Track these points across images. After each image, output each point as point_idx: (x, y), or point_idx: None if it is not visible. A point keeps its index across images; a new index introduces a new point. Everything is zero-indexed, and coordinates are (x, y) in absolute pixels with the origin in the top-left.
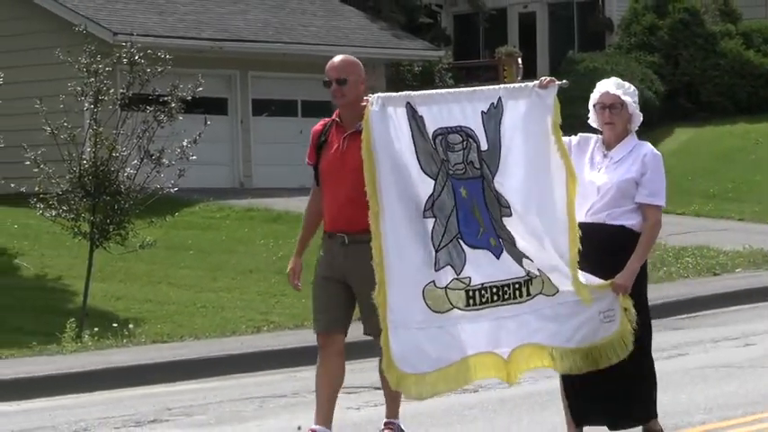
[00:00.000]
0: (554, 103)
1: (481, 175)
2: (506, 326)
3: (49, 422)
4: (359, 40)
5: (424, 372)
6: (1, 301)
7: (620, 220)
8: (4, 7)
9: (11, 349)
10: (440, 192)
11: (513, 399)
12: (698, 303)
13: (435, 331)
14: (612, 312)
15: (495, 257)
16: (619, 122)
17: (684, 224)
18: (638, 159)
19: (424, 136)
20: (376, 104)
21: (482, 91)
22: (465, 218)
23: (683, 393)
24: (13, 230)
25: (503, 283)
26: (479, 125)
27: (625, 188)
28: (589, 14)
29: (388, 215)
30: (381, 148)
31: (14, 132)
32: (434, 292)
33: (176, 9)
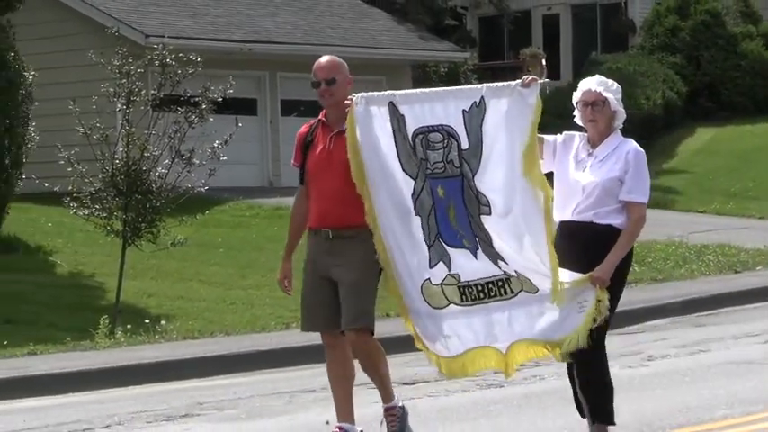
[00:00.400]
0: (536, 102)
1: (461, 173)
2: (499, 321)
3: (84, 416)
4: (386, 41)
5: (447, 356)
6: (36, 298)
7: (608, 220)
8: (37, 10)
9: (46, 345)
10: (419, 191)
11: (539, 394)
12: (719, 300)
13: (440, 322)
14: (587, 303)
15: (473, 257)
16: (601, 120)
17: (706, 222)
18: (622, 157)
19: (403, 135)
20: (360, 104)
21: (465, 90)
22: (443, 218)
23: (705, 389)
24: (47, 229)
25: (486, 281)
26: (461, 124)
27: (610, 187)
28: (612, 16)
29: (382, 213)
30: (367, 147)
31: (49, 132)
32: (431, 288)
33: (207, 12)
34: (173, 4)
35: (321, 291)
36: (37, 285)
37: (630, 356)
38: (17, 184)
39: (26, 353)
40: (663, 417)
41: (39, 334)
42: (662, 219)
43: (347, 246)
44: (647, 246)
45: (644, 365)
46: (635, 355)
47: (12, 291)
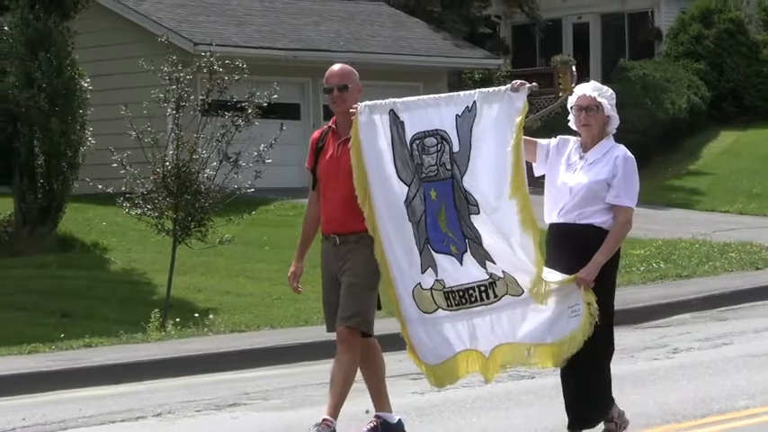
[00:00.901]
0: (523, 106)
1: (451, 175)
2: (481, 326)
3: (136, 405)
4: (423, 49)
5: (430, 363)
6: (91, 293)
7: (590, 219)
8: (92, 19)
9: (101, 338)
10: (412, 197)
11: None
12: (741, 296)
13: (429, 328)
14: (578, 307)
15: (458, 263)
16: (594, 124)
17: (729, 221)
18: (611, 162)
19: (402, 142)
20: (363, 113)
21: (459, 96)
22: (432, 223)
23: (727, 380)
24: (102, 228)
25: (468, 287)
26: (453, 128)
27: (596, 189)
28: (639, 25)
29: (380, 218)
30: (370, 154)
31: (103, 136)
32: (422, 293)
33: (253, 21)
34: (220, 14)
35: (334, 293)
36: (92, 281)
37: (656, 349)
38: (73, 186)
39: (82, 345)
40: (687, 407)
41: (94, 327)
42: (687, 218)
43: (352, 250)
44: (672, 243)
45: (669, 358)
46: (660, 348)
47: (68, 286)
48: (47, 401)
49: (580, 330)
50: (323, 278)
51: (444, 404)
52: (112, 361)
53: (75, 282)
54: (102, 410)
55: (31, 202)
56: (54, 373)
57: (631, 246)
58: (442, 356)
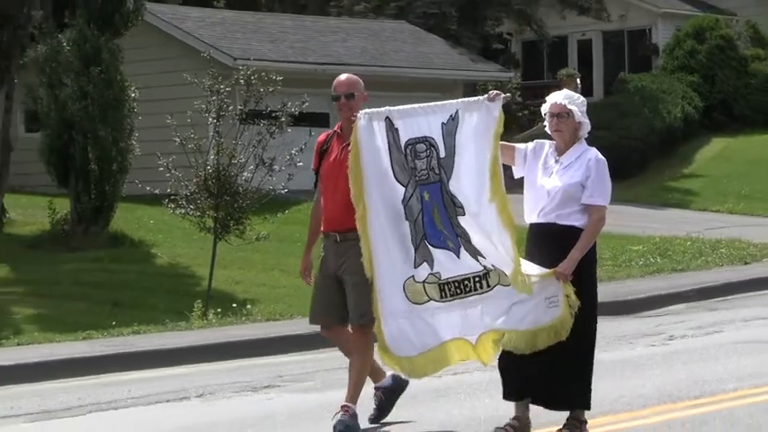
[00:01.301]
0: (499, 115)
1: (440, 179)
2: (472, 314)
3: (180, 387)
4: (441, 63)
5: (411, 355)
6: (140, 285)
7: (570, 221)
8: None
9: (148, 325)
10: (409, 197)
11: None
12: (731, 288)
13: (416, 320)
14: (556, 298)
15: (455, 256)
16: (566, 130)
17: (720, 220)
18: (584, 164)
19: (398, 147)
20: (363, 119)
21: (445, 104)
22: (429, 221)
23: (718, 365)
24: (149, 226)
25: (464, 278)
26: (440, 135)
27: (572, 191)
28: (638, 41)
29: (375, 218)
30: (368, 158)
31: (150, 143)
32: (414, 286)
33: (286, 38)
34: (256, 31)
35: (326, 289)
36: (140, 274)
37: (653, 337)
38: (123, 188)
39: (131, 332)
40: (682, 389)
41: (142, 316)
42: (682, 217)
43: (352, 248)
44: (668, 240)
45: (665, 345)
46: (657, 336)
47: (119, 279)
48: (99, 383)
49: (559, 320)
50: (318, 275)
51: (460, 386)
52: (159, 346)
53: (125, 275)
54: (149, 392)
55: (86, 202)
56: (106, 358)
57: (630, 242)
58: (426, 346)
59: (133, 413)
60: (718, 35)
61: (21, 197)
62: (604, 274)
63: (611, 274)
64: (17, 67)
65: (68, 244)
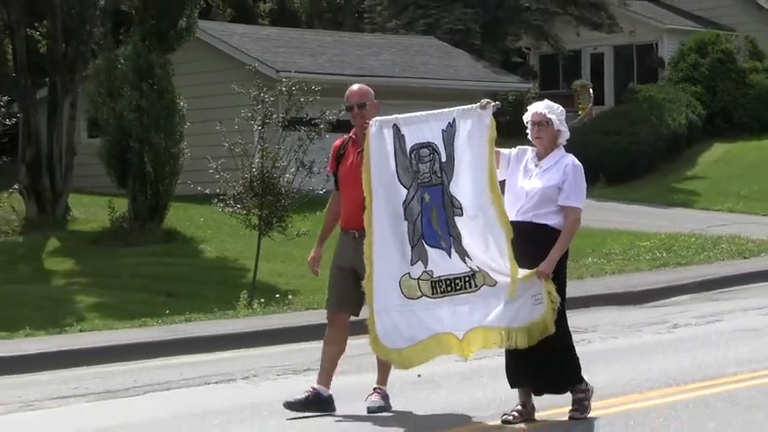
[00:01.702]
0: (490, 122)
1: (441, 182)
2: (461, 311)
3: (227, 370)
4: (465, 75)
5: (401, 347)
6: (191, 277)
7: (545, 220)
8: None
9: (199, 314)
10: (410, 199)
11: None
12: (731, 281)
13: (408, 314)
14: (540, 296)
15: (447, 256)
16: (545, 137)
17: (720, 218)
18: (561, 169)
19: (403, 152)
20: (374, 127)
21: (444, 113)
22: (427, 222)
23: (718, 351)
24: (200, 223)
25: (455, 277)
26: (440, 141)
27: (549, 193)
28: (646, 54)
29: (377, 218)
30: (377, 162)
31: (201, 147)
32: (409, 282)
33: (325, 52)
34: (298, 47)
35: (342, 281)
36: (192, 267)
37: (659, 325)
38: (176, 188)
39: (183, 320)
40: (686, 373)
41: (193, 305)
42: (685, 215)
43: None
44: (673, 236)
45: (670, 332)
46: (663, 324)
47: (172, 271)
48: (154, 366)
49: (547, 315)
50: (335, 266)
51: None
52: (208, 333)
53: (177, 268)
54: (199, 374)
55: (142, 202)
56: (160, 343)
57: (639, 238)
58: (415, 339)
59: (185, 393)
60: (719, 49)
61: (83, 197)
62: (615, 268)
63: (621, 267)
64: (80, 79)
65: (126, 240)
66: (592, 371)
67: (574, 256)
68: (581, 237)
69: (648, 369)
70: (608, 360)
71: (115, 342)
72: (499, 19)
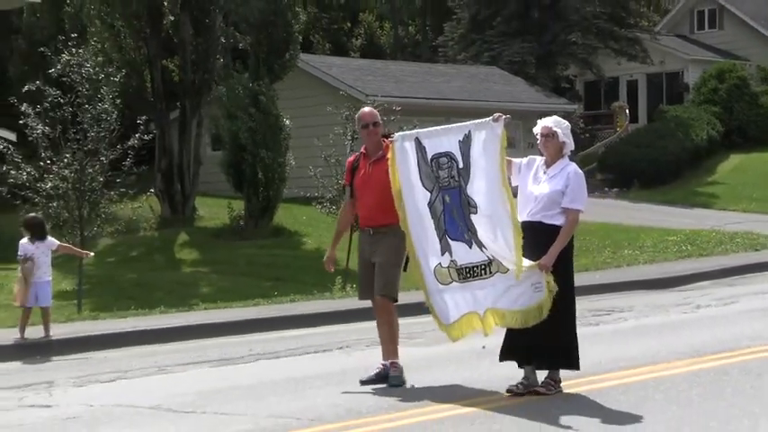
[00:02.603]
0: (502, 132)
1: (459, 185)
2: (479, 294)
3: (324, 342)
4: (522, 98)
5: (449, 323)
6: (295, 264)
7: (552, 221)
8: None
9: (301, 295)
10: (433, 200)
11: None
12: (745, 269)
13: (446, 297)
14: (540, 284)
15: (468, 247)
16: (551, 147)
17: (736, 217)
18: (565, 176)
19: (425, 161)
20: (398, 140)
21: (460, 126)
22: (449, 219)
23: (735, 328)
24: (302, 221)
25: (474, 265)
26: (457, 150)
27: (554, 197)
28: (673, 81)
29: (411, 218)
30: (402, 170)
31: (303, 158)
32: (441, 270)
33: (405, 79)
34: (383, 75)
35: (366, 271)
36: (295, 257)
37: (684, 306)
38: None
39: (288, 300)
40: (707, 346)
41: (296, 288)
42: (706, 214)
43: (382, 238)
44: (696, 232)
45: (693, 312)
46: (687, 305)
47: (279, 261)
48: (264, 338)
49: (542, 301)
50: (359, 260)
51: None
52: (308, 311)
53: (284, 258)
54: (301, 345)
55: (255, 203)
56: (269, 319)
57: (667, 234)
58: (454, 317)
59: (290, 361)
60: (735, 76)
61: (207, 199)
62: (647, 258)
63: (652, 257)
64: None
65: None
66: (628, 344)
67: (613, 248)
68: (619, 232)
69: (675, 343)
70: (641, 335)
71: (232, 318)
72: (551, 52)
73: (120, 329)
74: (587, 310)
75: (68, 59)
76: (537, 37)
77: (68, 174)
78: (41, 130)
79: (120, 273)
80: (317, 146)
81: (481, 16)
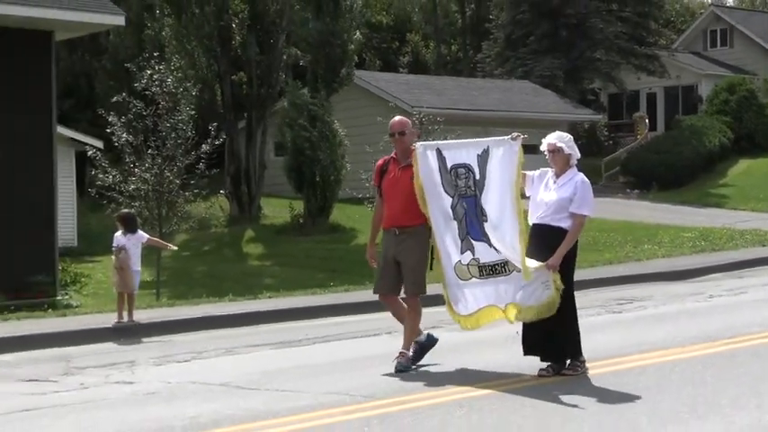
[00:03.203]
0: (519, 150)
1: (475, 194)
2: (500, 289)
3: (375, 327)
4: (552, 109)
5: (464, 314)
6: (348, 258)
7: (560, 224)
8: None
9: (354, 285)
10: (455, 205)
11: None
12: (753, 263)
13: (465, 291)
14: (548, 282)
15: (489, 247)
16: (559, 161)
17: (745, 216)
18: (573, 184)
19: (446, 169)
20: (419, 149)
21: (479, 141)
22: (470, 222)
23: (744, 315)
24: (356, 219)
25: (495, 263)
26: (475, 162)
27: (563, 203)
28: (689, 93)
29: (434, 218)
30: (425, 175)
31: (356, 163)
32: (461, 267)
33: (446, 92)
34: (427, 88)
35: (388, 268)
36: (349, 251)
37: (698, 295)
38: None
39: (343, 289)
40: (719, 332)
41: (350, 279)
42: (718, 214)
43: (407, 239)
44: (708, 229)
45: (707, 301)
46: (701, 295)
47: (335, 254)
48: (321, 324)
49: (552, 298)
50: (382, 258)
51: None
52: (360, 299)
53: (339, 252)
54: (354, 330)
55: (313, 203)
56: (325, 307)
57: (683, 231)
58: (471, 309)
59: (344, 344)
60: (745, 89)
61: (271, 199)
62: (665, 252)
63: (669, 252)
64: (270, 113)
65: (302, 231)
66: (648, 330)
67: (634, 243)
68: (639, 229)
69: (690, 329)
70: (659, 321)
71: (293, 306)
72: (578, 67)
73: (194, 315)
74: (612, 299)
75: (151, 75)
76: (565, 54)
77: (149, 177)
78: (126, 138)
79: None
80: (368, 152)
81: (515, 36)
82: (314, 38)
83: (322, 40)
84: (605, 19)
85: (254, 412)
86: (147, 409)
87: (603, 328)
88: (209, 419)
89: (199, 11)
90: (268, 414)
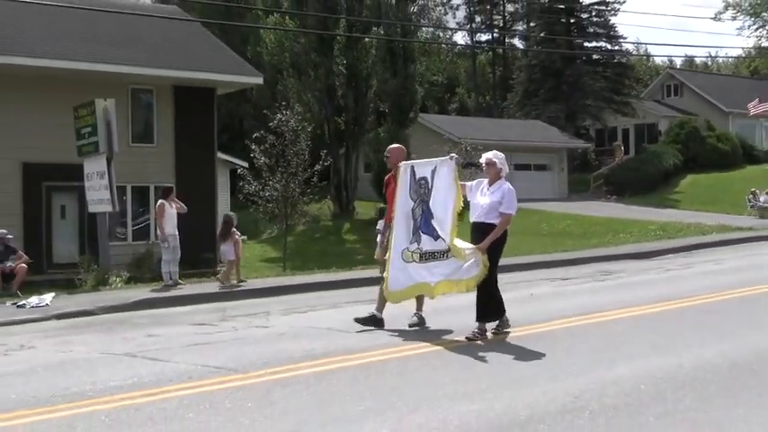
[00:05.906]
0: (455, 166)
1: (427, 200)
2: (434, 270)
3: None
4: (554, 140)
5: (397, 289)
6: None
7: (492, 221)
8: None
9: None
10: (415, 207)
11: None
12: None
13: (404, 271)
14: (478, 261)
15: (434, 240)
16: (492, 172)
17: (692, 214)
18: (501, 191)
19: (415, 180)
20: (402, 168)
21: (432, 161)
22: (425, 219)
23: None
24: None
25: (434, 251)
26: (430, 176)
27: (494, 206)
28: (652, 128)
29: (397, 218)
30: (402, 187)
31: None
32: (407, 252)
33: (483, 128)
34: (469, 125)
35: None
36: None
37: (658, 270)
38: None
39: None
40: (675, 294)
41: None
42: (672, 213)
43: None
44: (666, 223)
45: (665, 273)
46: (660, 269)
47: None
48: None
49: (480, 273)
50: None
51: None
52: None
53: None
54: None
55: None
56: None
57: (647, 224)
58: (404, 284)
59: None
60: (691, 126)
61: (362, 202)
62: (635, 239)
63: (638, 239)
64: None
65: None
66: (626, 293)
67: (612, 233)
68: (617, 223)
69: (650, 295)
70: (631, 287)
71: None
72: (574, 111)
73: (309, 281)
74: (597, 272)
75: (280, 117)
76: (565, 102)
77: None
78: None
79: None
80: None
81: (530, 89)
82: (391, 91)
83: (397, 92)
84: (593, 77)
85: (350, 347)
86: (277, 344)
87: (591, 293)
88: (320, 352)
89: (313, 73)
90: (360, 349)
